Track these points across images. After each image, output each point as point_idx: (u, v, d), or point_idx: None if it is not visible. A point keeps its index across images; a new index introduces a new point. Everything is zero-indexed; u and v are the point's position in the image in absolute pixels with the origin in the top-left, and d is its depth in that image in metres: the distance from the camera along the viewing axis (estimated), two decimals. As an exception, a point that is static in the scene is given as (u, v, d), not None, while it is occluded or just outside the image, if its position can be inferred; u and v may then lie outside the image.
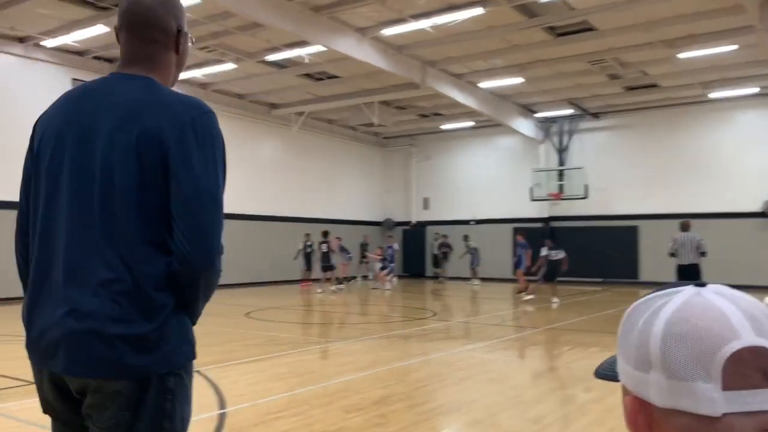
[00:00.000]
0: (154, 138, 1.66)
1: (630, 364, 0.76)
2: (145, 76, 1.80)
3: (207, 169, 1.71)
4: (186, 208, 1.66)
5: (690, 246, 11.62)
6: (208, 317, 11.51)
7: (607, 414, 5.35)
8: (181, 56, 1.94)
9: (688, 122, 21.91)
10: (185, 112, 1.71)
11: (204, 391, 6.17)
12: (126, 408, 1.63)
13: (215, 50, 16.51)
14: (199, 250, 1.67)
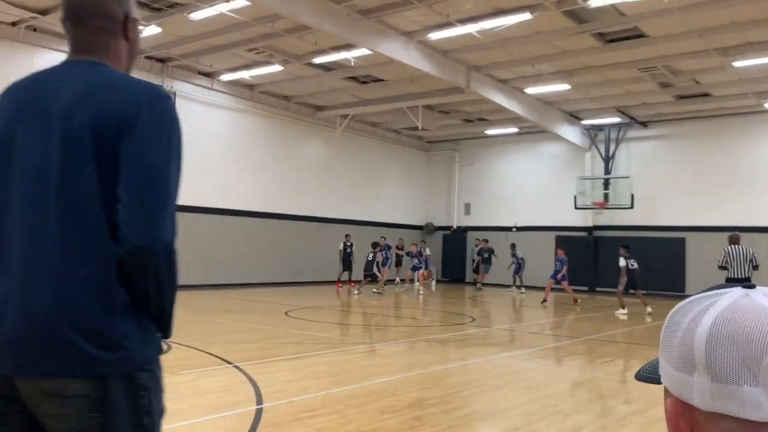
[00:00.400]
0: (110, 118, 1.57)
1: (673, 365, 0.74)
2: (98, 61, 1.72)
3: (160, 150, 1.60)
4: (134, 188, 1.55)
5: (743, 259, 11.26)
6: (248, 314, 11.81)
7: (648, 427, 5.22)
8: (132, 43, 1.82)
9: (740, 133, 21.27)
10: (143, 93, 1.63)
11: (242, 386, 6.26)
12: (95, 410, 1.53)
13: (263, 52, 16.77)
14: (146, 231, 1.55)
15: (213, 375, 6.80)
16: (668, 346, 0.76)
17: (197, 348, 8.33)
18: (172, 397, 5.88)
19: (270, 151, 21.55)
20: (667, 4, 12.47)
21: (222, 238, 19.94)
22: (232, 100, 20.26)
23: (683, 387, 0.72)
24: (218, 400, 5.67)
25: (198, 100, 19.34)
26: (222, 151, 20.07)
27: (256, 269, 20.90)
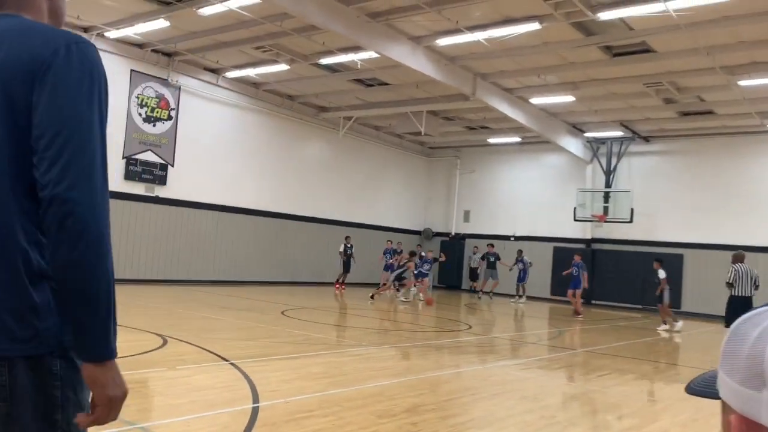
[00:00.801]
0: (21, 63, 1.39)
1: (737, 380, 0.71)
2: (11, 13, 1.51)
3: (80, 95, 1.38)
4: (52, 137, 1.35)
5: (747, 278, 11.28)
6: (245, 312, 11.75)
7: (645, 443, 5.21)
8: (54, 2, 1.60)
9: (742, 152, 21.31)
10: (60, 37, 1.43)
11: (239, 383, 6.23)
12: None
13: (270, 50, 16.77)
14: (64, 183, 1.33)
15: (210, 371, 6.77)
16: (732, 360, 0.73)
17: (194, 344, 8.30)
18: (168, 393, 5.87)
19: (273, 150, 21.53)
20: (675, 20, 12.50)
21: (222, 235, 19.91)
22: (237, 98, 20.25)
23: (751, 404, 0.69)
24: (215, 397, 5.64)
25: (203, 96, 19.33)
26: (225, 147, 20.05)
27: (255, 267, 20.86)
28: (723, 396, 0.75)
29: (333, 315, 13.81)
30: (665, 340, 14.33)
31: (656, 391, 7.61)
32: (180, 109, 18.67)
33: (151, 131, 18.01)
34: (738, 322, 0.77)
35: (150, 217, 18.06)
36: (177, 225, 18.75)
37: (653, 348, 12.61)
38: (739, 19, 12.48)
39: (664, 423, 6.00)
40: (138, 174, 17.70)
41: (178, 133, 18.64)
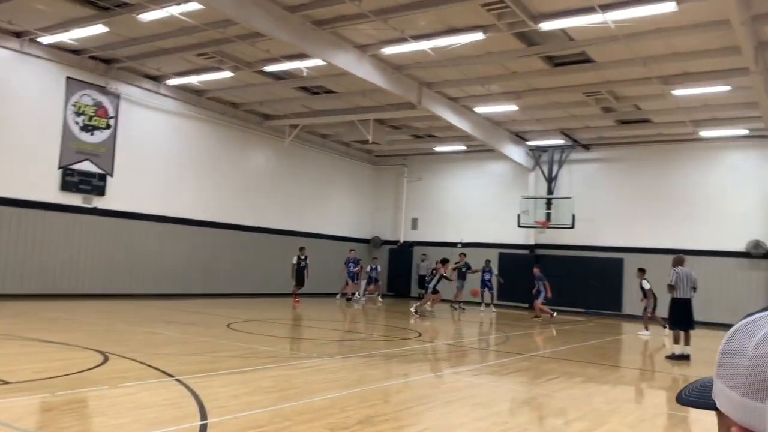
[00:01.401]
0: None
1: (738, 391, 0.68)
2: None
3: None
4: None
5: (687, 280, 11.61)
6: (189, 326, 11.40)
7: (597, 446, 5.27)
8: None
9: (677, 159, 22.15)
10: None
11: (185, 400, 6.01)
12: None
13: (213, 57, 16.47)
14: None
15: (154, 388, 6.51)
16: (731, 369, 0.69)
17: (137, 360, 7.99)
18: (110, 412, 5.60)
19: (216, 158, 21.12)
20: (614, 31, 12.89)
21: (164, 247, 19.37)
22: (179, 105, 19.79)
23: (752, 415, 0.66)
24: (160, 415, 5.41)
25: (143, 104, 18.81)
26: (167, 157, 19.55)
27: (199, 280, 20.38)
28: (722, 407, 0.71)
29: (281, 327, 13.58)
30: (605, 342, 14.67)
31: (603, 394, 7.74)
32: (119, 117, 18.10)
33: (89, 140, 17.39)
34: (733, 330, 0.73)
35: (88, 229, 17.41)
36: (116, 237, 18.14)
37: (597, 351, 12.88)
38: (673, 31, 12.97)
39: (612, 425, 6.09)
40: (75, 185, 17.05)
41: (118, 142, 18.07)
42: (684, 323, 11.68)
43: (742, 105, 17.79)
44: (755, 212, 20.60)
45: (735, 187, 21.02)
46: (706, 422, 6.66)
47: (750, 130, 19.88)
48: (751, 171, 20.85)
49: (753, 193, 20.69)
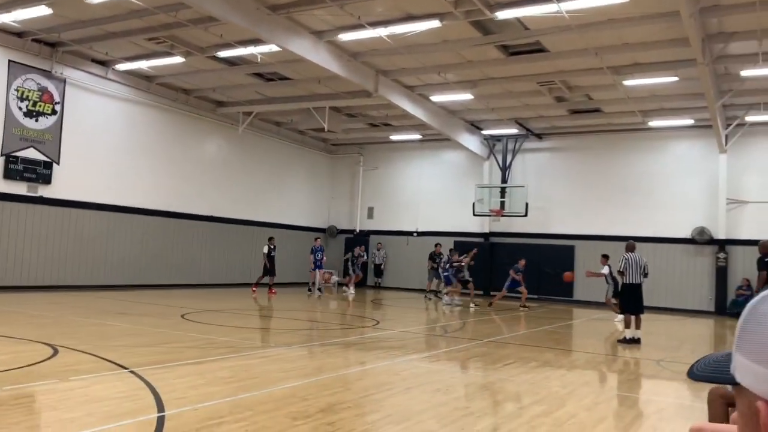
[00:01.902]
0: None
1: (763, 363, 0.66)
2: None
3: None
4: None
5: (637, 266, 11.92)
6: (142, 317, 11.14)
7: (557, 428, 5.35)
8: None
9: (626, 148, 22.69)
10: None
11: (141, 392, 5.86)
12: None
13: (164, 42, 16.03)
14: None
15: (108, 381, 6.32)
16: (754, 342, 0.67)
17: (88, 352, 7.75)
18: (61, 406, 5.42)
19: (167, 146, 20.62)
20: (567, 20, 13.06)
21: (113, 237, 18.84)
22: (128, 91, 19.22)
23: None
24: (115, 408, 5.25)
25: (90, 89, 18.20)
26: (116, 144, 18.98)
27: (151, 270, 19.92)
28: (743, 381, 0.69)
29: (237, 317, 13.38)
30: (558, 327, 14.98)
31: (559, 378, 7.89)
32: (66, 103, 17.47)
33: (34, 126, 16.74)
34: (754, 302, 0.71)
35: (34, 218, 16.79)
36: (64, 227, 17.56)
37: (551, 336, 13.13)
38: (624, 22, 13.21)
39: (570, 408, 6.21)
40: (19, 173, 16.40)
41: (64, 129, 17.44)
42: (634, 308, 12.00)
43: (689, 96, 18.32)
44: (700, 200, 21.30)
45: (681, 176, 21.69)
46: (658, 403, 6.86)
47: (695, 120, 20.50)
48: (697, 160, 21.52)
49: (698, 182, 21.37)
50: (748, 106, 18.91)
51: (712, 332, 15.67)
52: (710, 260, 20.99)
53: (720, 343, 13.63)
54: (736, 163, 20.72)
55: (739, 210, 20.71)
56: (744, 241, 20.27)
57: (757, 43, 13.67)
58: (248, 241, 23.68)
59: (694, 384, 8.15)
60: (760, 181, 20.55)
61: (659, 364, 9.63)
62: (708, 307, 20.82)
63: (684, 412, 6.45)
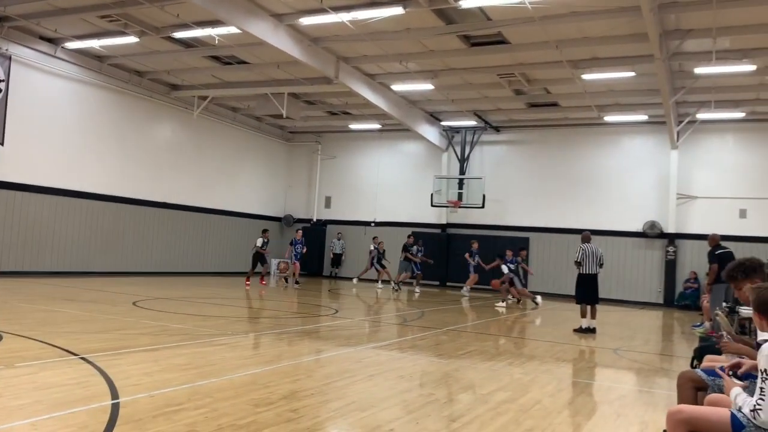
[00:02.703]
0: None
1: None
2: None
3: None
4: None
5: (593, 257, 12.07)
6: (90, 304, 10.71)
7: (523, 414, 5.32)
8: None
9: (581, 142, 23.04)
10: None
11: (93, 378, 5.59)
12: None
13: (117, 20, 15.44)
14: None
15: (57, 368, 6.01)
16: None
17: (35, 338, 7.39)
18: (6, 393, 5.10)
19: (119, 129, 19.94)
20: (530, 12, 13.08)
21: (61, 222, 18.14)
22: (78, 71, 18.48)
23: None
24: (66, 395, 4.98)
25: (38, 68, 17.43)
26: (64, 126, 18.25)
27: (100, 257, 19.28)
28: None
29: (191, 305, 13.03)
30: (520, 317, 15.11)
31: (520, 365, 7.91)
32: (11, 81, 16.66)
33: (-25, 104, 15.92)
34: None
35: (-26, 201, 16.01)
36: (8, 211, 16.80)
37: (509, 325, 13.23)
38: (585, 15, 13.33)
39: (534, 394, 6.20)
40: (-41, 152, 15.59)
41: (9, 109, 16.64)
42: (590, 298, 12.17)
43: (644, 92, 18.67)
44: (652, 195, 21.80)
45: (634, 171, 22.15)
46: (619, 389, 6.93)
47: (649, 116, 20.93)
48: (649, 155, 22.01)
49: (650, 177, 21.87)
50: (699, 103, 19.40)
51: (662, 323, 16.06)
52: (660, 253, 21.53)
53: (670, 333, 13.97)
54: (687, 159, 21.28)
55: (688, 205, 21.30)
56: (692, 235, 20.86)
57: (712, 41, 13.99)
58: (202, 229, 23.18)
59: (651, 372, 8.29)
60: (709, 177, 21.16)
61: (616, 353, 9.78)
62: (657, 299, 21.36)
63: (644, 398, 6.52)
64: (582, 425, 5.20)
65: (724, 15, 12.96)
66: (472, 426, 4.85)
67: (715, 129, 21.03)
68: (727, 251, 12.37)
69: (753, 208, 20.44)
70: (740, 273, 4.28)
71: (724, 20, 13.27)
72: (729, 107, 19.41)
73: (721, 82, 17.27)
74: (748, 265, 4.28)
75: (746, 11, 12.83)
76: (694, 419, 3.29)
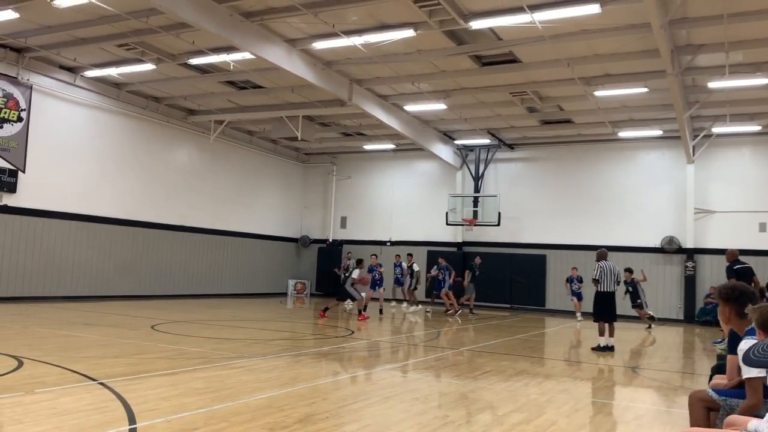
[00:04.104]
0: None
1: None
2: None
3: None
4: None
5: (611, 275, 11.98)
6: (109, 328, 10.84)
7: (538, 435, 5.30)
8: None
9: (596, 158, 22.99)
10: None
11: (111, 404, 5.66)
12: None
13: (134, 48, 15.77)
14: None
15: (76, 393, 6.10)
16: None
17: (54, 364, 7.49)
18: (27, 420, 5.19)
19: (136, 155, 20.26)
20: (540, 31, 13.18)
21: (80, 247, 18.40)
22: (97, 98, 18.86)
23: None
24: (84, 421, 5.06)
25: (58, 96, 17.82)
26: (83, 152, 18.58)
27: (119, 281, 19.50)
28: None
29: (208, 328, 13.13)
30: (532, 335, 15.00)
31: (537, 385, 7.87)
32: (32, 110, 17.05)
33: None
34: None
35: (-3, 228, 16.32)
36: (29, 236, 17.09)
37: (526, 344, 13.15)
38: (596, 33, 13.39)
39: (550, 415, 6.17)
40: (-18, 180, 15.93)
41: (30, 137, 17.02)
42: (608, 315, 12.07)
43: (658, 107, 18.64)
44: (669, 210, 21.65)
45: (650, 186, 22.03)
46: (636, 409, 6.86)
47: (664, 131, 20.86)
48: (665, 170, 21.89)
49: (666, 192, 21.73)
50: (714, 117, 19.32)
51: (682, 339, 15.86)
52: (679, 269, 21.31)
53: (690, 350, 13.80)
54: (703, 173, 21.13)
55: (706, 219, 21.11)
56: (711, 250, 20.64)
57: (724, 55, 13.97)
58: (219, 251, 23.37)
59: (669, 391, 8.20)
60: (726, 191, 20.98)
61: (634, 371, 9.69)
62: (677, 315, 21.12)
63: (662, 418, 6.46)
64: (598, 446, 5.16)
65: (735, 29, 12.95)
66: (486, 448, 4.85)
67: (731, 143, 20.89)
68: (746, 267, 12.25)
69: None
70: (720, 295, 4.24)
71: (736, 34, 13.26)
72: (744, 120, 19.30)
73: (735, 95, 17.19)
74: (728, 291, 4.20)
75: (758, 25, 12.81)
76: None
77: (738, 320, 4.04)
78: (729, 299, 4.10)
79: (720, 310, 4.22)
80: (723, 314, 4.19)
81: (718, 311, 4.28)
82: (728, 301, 4.10)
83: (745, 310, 3.71)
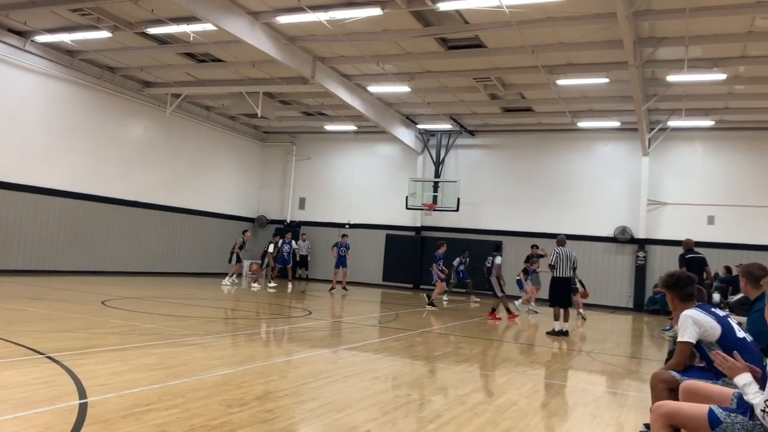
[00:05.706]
0: None
1: None
2: None
3: None
4: None
5: (567, 261, 12.12)
6: (58, 302, 10.44)
7: (500, 415, 5.29)
8: None
9: (555, 147, 23.25)
10: None
11: (60, 378, 5.42)
12: None
13: (90, 14, 15.13)
14: None
15: (22, 366, 5.82)
16: None
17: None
18: (-30, 392, 4.87)
19: (89, 126, 19.54)
20: (507, 16, 13.15)
21: (30, 220, 17.72)
22: (48, 66, 18.08)
23: None
24: (31, 395, 4.82)
25: (6, 61, 17.01)
26: (33, 122, 17.83)
27: (69, 256, 18.86)
28: None
29: (161, 305, 12.79)
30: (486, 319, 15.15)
31: (495, 367, 7.90)
32: (-24, 73, 16.23)
33: (-61, 97, 15.47)
34: None
35: (-63, 196, 15.55)
36: (-28, 207, 16.34)
37: (482, 327, 13.24)
38: (561, 20, 13.45)
39: (510, 395, 6.18)
40: None
41: (-26, 102, 16.22)
42: (563, 301, 12.24)
43: (617, 98, 18.91)
44: (623, 200, 22.09)
45: (605, 177, 22.43)
46: (593, 391, 6.95)
47: (622, 123, 21.21)
48: (621, 162, 22.30)
49: (621, 183, 22.16)
50: (670, 111, 19.72)
51: (631, 327, 16.24)
52: (630, 258, 21.81)
53: (640, 337, 14.13)
54: (657, 166, 21.61)
55: (658, 211, 21.62)
56: (662, 241, 21.18)
57: (684, 49, 14.22)
58: (173, 229, 22.86)
59: (624, 374, 8.34)
60: (678, 184, 21.51)
61: (589, 356, 9.84)
62: (627, 304, 21.64)
63: (619, 400, 6.55)
64: (559, 426, 5.19)
65: (696, 24, 13.18)
66: (449, 427, 4.81)
67: (685, 137, 21.39)
68: (698, 257, 12.55)
69: (721, 214, 20.82)
70: (661, 284, 4.51)
71: (697, 29, 13.50)
72: (699, 115, 19.77)
73: (691, 90, 17.56)
74: (667, 279, 4.42)
75: (718, 21, 13.07)
76: (673, 412, 3.38)
77: (681, 304, 4.27)
78: (669, 286, 4.36)
79: (667, 298, 4.45)
80: (670, 301, 4.43)
81: (667, 299, 4.49)
82: (669, 288, 4.37)
83: (761, 282, 4.03)
